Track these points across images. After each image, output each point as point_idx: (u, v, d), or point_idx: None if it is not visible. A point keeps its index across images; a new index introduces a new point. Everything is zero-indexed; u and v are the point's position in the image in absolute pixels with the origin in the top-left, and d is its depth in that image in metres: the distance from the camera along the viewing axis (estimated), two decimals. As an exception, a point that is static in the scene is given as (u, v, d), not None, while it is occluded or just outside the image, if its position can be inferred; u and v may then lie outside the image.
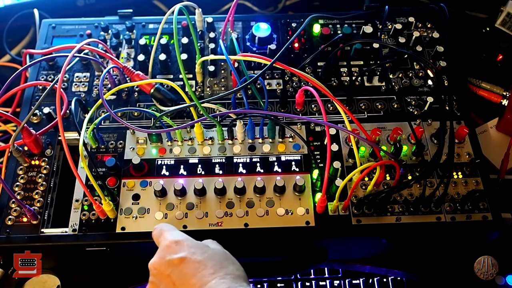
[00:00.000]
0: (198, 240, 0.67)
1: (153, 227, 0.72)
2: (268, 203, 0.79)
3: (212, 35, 0.96)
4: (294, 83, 0.92)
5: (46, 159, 0.83)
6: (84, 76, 0.93)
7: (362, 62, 0.95)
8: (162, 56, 0.92)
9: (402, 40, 0.95)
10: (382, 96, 0.90)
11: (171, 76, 0.94)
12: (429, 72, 0.92)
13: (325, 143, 0.84)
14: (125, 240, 0.76)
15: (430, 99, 0.87)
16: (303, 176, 0.80)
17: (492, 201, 0.79)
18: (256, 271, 0.84)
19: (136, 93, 0.90)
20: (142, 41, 0.94)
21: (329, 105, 0.89)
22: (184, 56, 0.92)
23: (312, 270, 0.91)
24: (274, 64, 0.77)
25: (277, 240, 0.78)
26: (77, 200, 0.79)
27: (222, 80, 0.93)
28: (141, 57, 0.91)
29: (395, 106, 0.89)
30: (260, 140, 0.85)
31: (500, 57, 1.15)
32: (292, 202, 0.79)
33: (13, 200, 0.78)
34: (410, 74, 0.93)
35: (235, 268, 0.63)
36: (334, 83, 0.92)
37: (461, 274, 0.84)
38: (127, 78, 0.89)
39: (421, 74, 0.93)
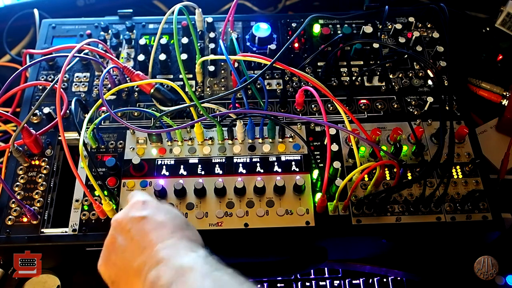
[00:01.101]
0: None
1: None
2: (268, 203, 0.79)
3: (212, 35, 0.96)
4: (294, 83, 0.92)
5: (46, 159, 0.83)
6: (84, 76, 0.93)
7: (362, 62, 0.95)
8: (162, 56, 0.92)
9: (402, 40, 0.95)
10: (382, 96, 0.91)
11: (171, 76, 0.94)
12: (429, 72, 0.92)
13: (325, 143, 0.84)
14: (125, 240, 0.76)
15: (430, 99, 0.87)
16: (303, 176, 0.80)
17: (492, 201, 0.79)
18: (256, 271, 0.84)
19: (136, 93, 0.90)
20: (142, 41, 0.94)
21: (329, 105, 0.89)
22: (184, 56, 0.92)
23: (312, 270, 0.91)
24: (274, 64, 0.77)
25: (277, 240, 0.78)
26: (77, 200, 0.79)
27: (222, 80, 0.93)
28: (141, 57, 0.91)
29: (395, 106, 0.89)
30: (260, 140, 0.85)
31: (500, 57, 1.15)
32: (292, 202, 0.79)
33: (13, 200, 0.78)
34: (410, 74, 0.93)
35: (192, 233, 0.64)
36: (334, 83, 0.92)
37: (461, 274, 0.84)
38: (127, 78, 0.89)
39: (421, 74, 0.93)
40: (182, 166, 0.82)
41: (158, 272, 0.55)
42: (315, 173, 0.81)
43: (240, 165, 0.82)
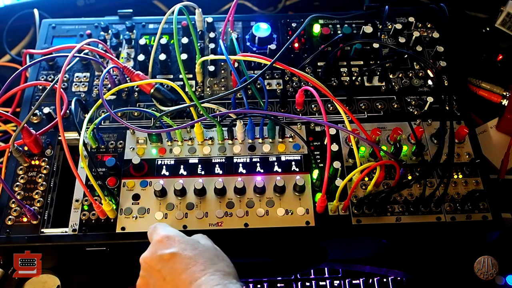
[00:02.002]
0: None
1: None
2: (268, 203, 0.79)
3: (212, 35, 0.96)
4: (294, 83, 0.92)
5: (46, 159, 0.83)
6: (84, 76, 0.93)
7: (362, 62, 0.95)
8: (162, 56, 0.92)
9: (402, 40, 0.95)
10: (382, 96, 0.91)
11: (171, 76, 0.94)
12: (429, 72, 0.92)
13: (325, 143, 0.84)
14: (125, 240, 0.76)
15: (430, 99, 0.87)
16: (303, 176, 0.80)
17: (492, 201, 0.79)
18: (256, 271, 0.84)
19: (136, 93, 0.90)
20: (142, 41, 0.94)
21: (329, 105, 0.89)
22: (184, 56, 0.92)
23: (312, 270, 0.91)
24: (274, 64, 0.77)
25: (277, 240, 0.78)
26: (77, 200, 0.79)
27: (222, 80, 0.93)
28: (141, 57, 0.91)
29: (395, 106, 0.89)
30: (260, 140, 0.85)
31: (500, 57, 1.15)
32: (292, 202, 0.79)
33: (13, 200, 0.78)
34: (410, 74, 0.93)
35: (225, 265, 0.63)
36: (334, 83, 0.92)
37: (461, 274, 0.84)
38: (127, 78, 0.89)
39: (421, 74, 0.93)
40: (182, 166, 0.82)
41: None
42: (315, 173, 0.81)
43: (240, 165, 0.82)
